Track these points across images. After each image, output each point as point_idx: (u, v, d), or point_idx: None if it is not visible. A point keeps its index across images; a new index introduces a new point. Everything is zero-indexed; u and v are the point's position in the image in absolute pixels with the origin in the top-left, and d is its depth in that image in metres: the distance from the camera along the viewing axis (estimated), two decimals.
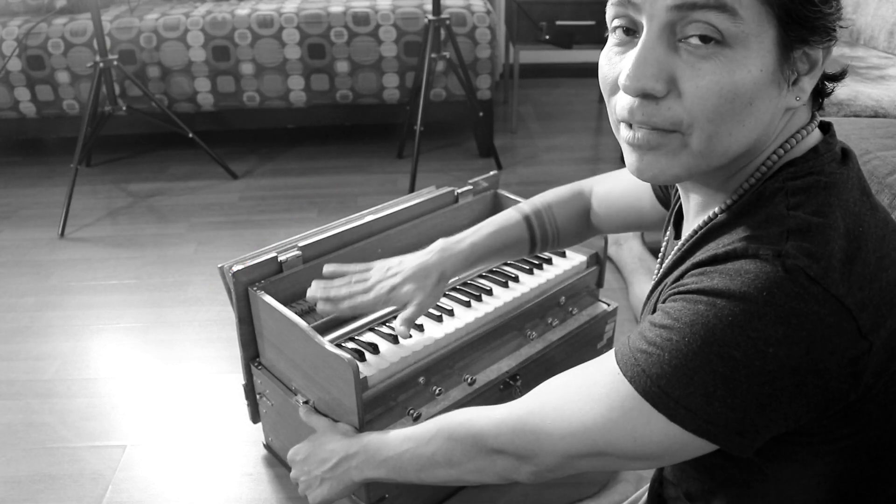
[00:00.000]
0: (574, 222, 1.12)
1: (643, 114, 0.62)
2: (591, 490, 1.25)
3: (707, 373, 0.58)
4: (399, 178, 2.57)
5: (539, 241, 1.11)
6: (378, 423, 1.09)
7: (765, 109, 0.61)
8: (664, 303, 0.64)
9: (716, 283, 0.59)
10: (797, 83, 0.63)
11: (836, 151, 0.66)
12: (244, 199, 2.46)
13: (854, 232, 0.61)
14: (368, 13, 2.58)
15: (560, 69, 3.73)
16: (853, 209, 0.62)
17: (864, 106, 1.76)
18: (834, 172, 0.64)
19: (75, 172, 2.34)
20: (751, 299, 0.57)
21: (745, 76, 0.58)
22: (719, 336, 0.57)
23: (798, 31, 0.59)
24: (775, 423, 0.60)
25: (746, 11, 0.57)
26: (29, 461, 1.39)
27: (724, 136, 0.61)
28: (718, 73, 0.58)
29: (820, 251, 0.58)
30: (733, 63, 0.58)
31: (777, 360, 0.56)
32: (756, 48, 0.58)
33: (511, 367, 1.21)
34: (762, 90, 0.60)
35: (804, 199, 0.62)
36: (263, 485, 1.33)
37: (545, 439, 0.71)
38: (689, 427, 0.60)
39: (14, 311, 1.87)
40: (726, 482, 0.72)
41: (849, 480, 0.68)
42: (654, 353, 0.61)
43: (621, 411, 0.64)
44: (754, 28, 0.57)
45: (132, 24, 2.56)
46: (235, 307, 1.20)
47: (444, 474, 0.83)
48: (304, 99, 2.67)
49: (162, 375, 1.63)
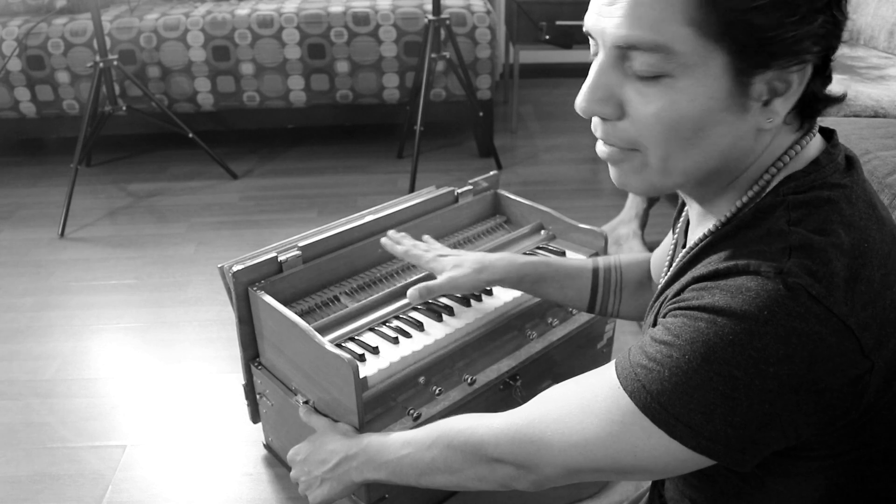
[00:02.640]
0: (639, 283, 1.06)
1: (603, 132, 0.66)
2: (591, 490, 1.25)
3: (707, 391, 0.58)
4: (399, 178, 2.57)
5: (601, 291, 1.05)
6: (378, 423, 1.09)
7: (723, 133, 0.61)
8: (665, 317, 0.64)
9: (717, 300, 0.59)
10: (769, 105, 0.61)
11: (840, 162, 0.65)
12: (244, 199, 2.46)
13: (858, 249, 0.60)
14: (368, 13, 2.58)
15: (560, 69, 3.73)
16: (858, 224, 0.61)
17: (864, 106, 1.76)
18: (837, 185, 0.63)
19: (75, 172, 2.34)
20: (752, 318, 0.56)
21: (691, 105, 0.59)
22: (720, 354, 0.57)
23: (752, 57, 0.58)
24: (776, 440, 0.60)
25: (683, 47, 0.58)
26: (29, 461, 1.39)
27: (677, 157, 0.63)
28: (662, 101, 0.60)
29: (822, 270, 0.57)
30: (677, 92, 0.59)
31: (777, 380, 0.56)
32: (702, 77, 0.59)
33: (511, 367, 1.21)
34: (713, 116, 0.60)
35: (805, 215, 0.61)
36: (263, 485, 1.33)
37: (545, 451, 0.71)
38: (689, 444, 0.60)
39: (14, 311, 1.87)
40: (727, 492, 0.72)
41: (850, 494, 0.68)
42: (655, 369, 0.61)
43: (622, 426, 0.64)
44: (697, 59, 0.58)
45: (132, 24, 2.56)
46: (235, 307, 1.20)
47: (444, 480, 0.84)
48: (304, 99, 2.67)
49: (162, 375, 1.63)
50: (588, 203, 2.39)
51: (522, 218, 1.49)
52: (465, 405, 1.15)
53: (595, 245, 1.36)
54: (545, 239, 1.43)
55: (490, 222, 1.50)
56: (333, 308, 1.24)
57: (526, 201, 1.48)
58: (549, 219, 1.44)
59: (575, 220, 1.40)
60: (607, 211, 2.27)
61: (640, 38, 0.59)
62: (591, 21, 0.64)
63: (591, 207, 2.34)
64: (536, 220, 1.46)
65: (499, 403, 1.22)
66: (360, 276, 1.31)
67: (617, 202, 2.32)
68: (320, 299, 1.25)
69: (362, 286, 1.30)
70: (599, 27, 0.62)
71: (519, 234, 1.43)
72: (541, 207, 1.45)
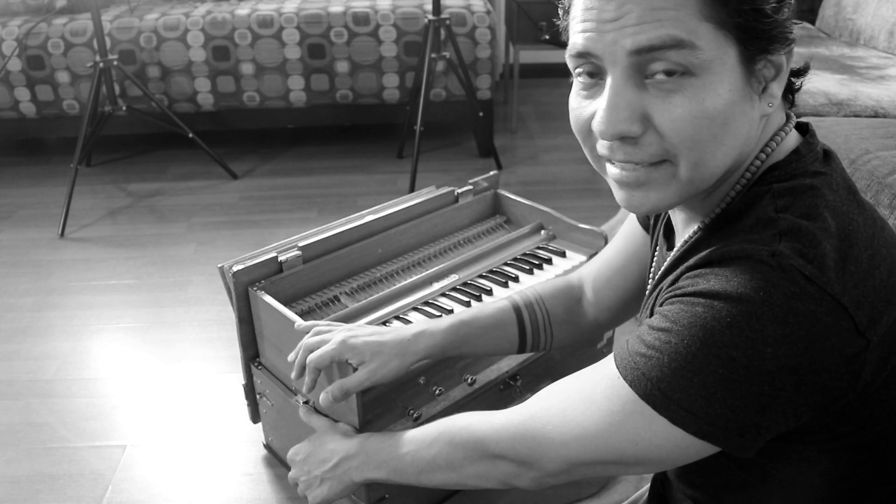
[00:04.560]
0: (566, 310, 1.02)
1: (624, 154, 0.64)
2: (591, 490, 1.24)
3: (707, 374, 0.58)
4: (399, 178, 2.57)
5: (529, 331, 1.01)
6: (378, 423, 1.09)
7: (741, 124, 0.62)
8: (661, 306, 0.65)
9: (712, 285, 0.59)
10: (766, 90, 0.64)
11: (818, 151, 0.67)
12: (244, 199, 2.47)
13: (844, 231, 0.61)
14: (368, 13, 2.58)
15: (560, 69, 3.72)
16: (841, 209, 0.63)
17: (864, 106, 1.76)
18: (819, 172, 0.64)
19: (75, 172, 2.34)
20: (748, 300, 0.57)
21: (716, 100, 0.60)
22: (717, 337, 0.58)
23: (757, 43, 0.61)
24: (776, 422, 0.60)
25: (704, 41, 0.59)
26: (29, 461, 1.39)
27: (708, 160, 0.62)
28: (690, 103, 0.60)
29: (812, 252, 0.58)
30: (702, 90, 0.60)
31: (776, 360, 0.56)
32: (720, 71, 0.60)
33: (511, 367, 1.21)
34: (735, 107, 0.61)
35: (791, 201, 0.62)
36: (263, 485, 1.33)
37: (546, 445, 0.71)
38: (691, 429, 0.60)
39: (14, 311, 1.87)
40: (730, 484, 0.72)
41: (852, 478, 0.68)
42: (654, 356, 0.61)
43: (622, 415, 0.64)
44: (716, 53, 0.59)
45: (132, 24, 2.56)
46: (235, 307, 1.20)
47: (444, 478, 0.83)
48: (304, 99, 2.67)
49: (162, 375, 1.63)
50: (588, 203, 2.39)
51: (522, 218, 1.49)
52: (465, 405, 1.15)
53: (595, 245, 1.36)
54: (545, 239, 1.43)
55: (490, 222, 1.50)
56: (333, 308, 1.24)
57: (526, 201, 1.48)
58: (549, 219, 1.44)
59: (575, 220, 1.40)
60: (607, 211, 2.27)
61: (663, 37, 0.58)
62: (589, 43, 0.62)
63: (591, 207, 2.35)
64: (536, 220, 1.46)
65: (499, 403, 1.22)
66: (360, 276, 1.31)
67: (617, 202, 2.32)
68: (320, 299, 1.25)
69: (362, 286, 1.30)
70: (606, 43, 0.61)
71: (519, 234, 1.43)
72: (541, 207, 1.45)
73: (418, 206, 1.40)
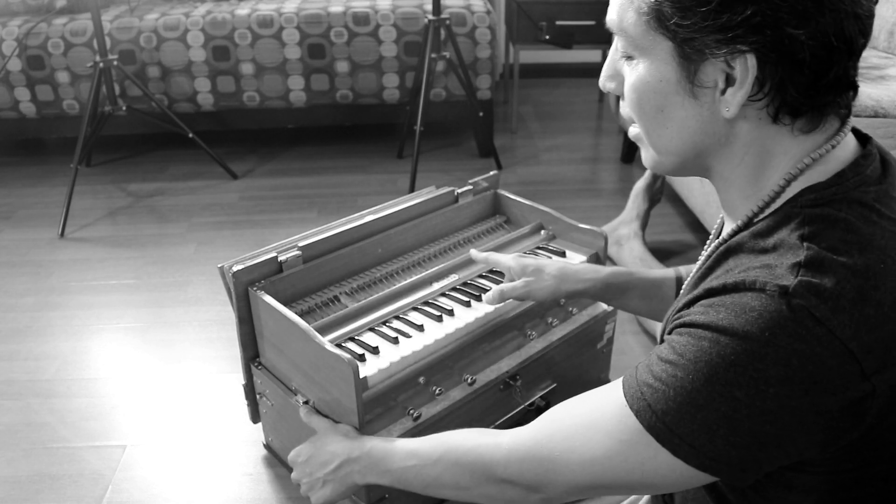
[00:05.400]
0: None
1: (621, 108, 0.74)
2: None
3: (710, 411, 0.59)
4: (399, 178, 2.57)
5: None
6: (378, 423, 1.09)
7: (684, 116, 0.65)
8: (670, 334, 0.65)
9: (721, 319, 0.59)
10: (724, 94, 0.62)
11: (868, 174, 0.64)
12: (244, 199, 2.46)
13: (873, 270, 0.59)
14: (368, 13, 2.58)
15: (560, 69, 3.73)
16: (878, 243, 0.60)
17: (864, 106, 1.75)
18: (858, 202, 0.61)
19: (75, 172, 2.34)
20: (753, 339, 0.57)
21: (646, 84, 0.66)
22: (721, 375, 0.58)
23: (688, 45, 0.62)
24: (776, 458, 0.61)
25: (634, 32, 0.65)
26: (29, 461, 1.39)
27: (654, 138, 0.69)
28: (631, 79, 0.68)
29: (829, 290, 0.57)
30: (638, 72, 0.67)
31: (777, 400, 0.57)
32: (653, 60, 0.65)
33: (511, 367, 1.21)
34: (668, 98, 0.65)
35: (820, 230, 0.60)
36: (263, 485, 1.33)
37: (553, 471, 0.72)
38: (693, 463, 0.61)
39: (14, 311, 1.87)
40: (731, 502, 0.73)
41: None
42: (660, 388, 0.62)
43: (628, 445, 0.65)
44: (647, 44, 0.65)
45: (132, 24, 2.56)
46: (235, 307, 1.20)
47: (451, 494, 0.85)
48: (304, 99, 2.67)
49: (162, 375, 1.63)
50: (588, 203, 2.39)
51: (522, 218, 1.49)
52: (465, 405, 1.15)
53: (595, 245, 1.36)
54: (545, 239, 1.43)
55: (490, 222, 1.50)
56: (333, 308, 1.24)
57: (526, 201, 1.48)
58: (549, 219, 1.44)
59: (575, 220, 1.40)
60: (607, 211, 2.27)
61: (611, 20, 0.68)
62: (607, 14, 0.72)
63: (591, 207, 2.35)
64: (536, 220, 1.46)
65: (499, 403, 1.22)
66: (360, 276, 1.31)
67: (617, 202, 2.32)
68: (320, 299, 1.25)
69: (362, 286, 1.30)
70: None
71: (519, 234, 1.43)
72: (541, 207, 1.45)
73: (418, 206, 1.40)
